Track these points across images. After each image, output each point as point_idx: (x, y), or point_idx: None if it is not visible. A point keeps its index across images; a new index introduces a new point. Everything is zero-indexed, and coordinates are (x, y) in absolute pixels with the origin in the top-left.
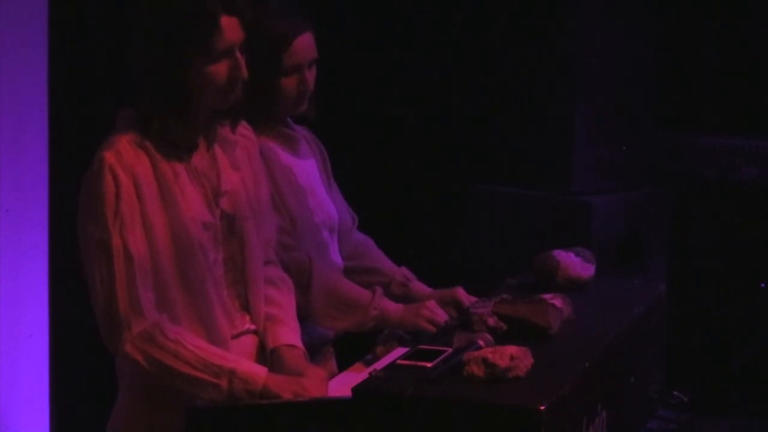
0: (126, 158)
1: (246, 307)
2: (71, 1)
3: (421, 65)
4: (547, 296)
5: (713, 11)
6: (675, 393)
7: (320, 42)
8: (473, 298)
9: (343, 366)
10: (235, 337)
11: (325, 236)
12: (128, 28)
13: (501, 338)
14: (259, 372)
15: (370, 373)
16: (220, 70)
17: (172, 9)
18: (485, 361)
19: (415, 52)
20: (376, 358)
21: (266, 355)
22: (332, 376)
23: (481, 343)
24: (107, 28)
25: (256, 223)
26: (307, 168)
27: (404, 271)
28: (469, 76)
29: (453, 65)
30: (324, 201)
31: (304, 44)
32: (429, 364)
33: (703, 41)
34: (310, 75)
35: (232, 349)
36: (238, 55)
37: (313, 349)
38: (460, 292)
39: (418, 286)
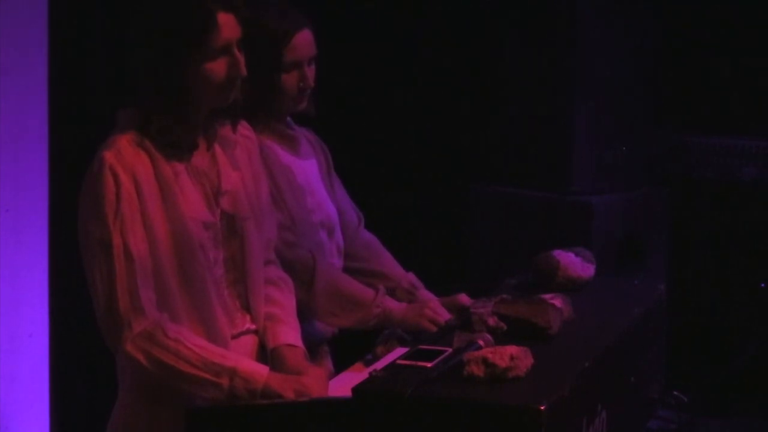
0: (126, 158)
1: (246, 307)
2: (71, 1)
3: (422, 65)
4: (547, 296)
5: (713, 10)
6: (675, 393)
7: (321, 41)
8: None
9: (342, 366)
10: (235, 336)
11: (322, 236)
12: (127, 27)
13: (501, 338)
14: (260, 371)
15: (370, 373)
16: (218, 67)
17: (170, 7)
18: (485, 361)
19: (415, 52)
20: (376, 358)
21: (267, 355)
22: (329, 374)
23: (481, 343)
24: (107, 28)
25: (257, 223)
26: (306, 168)
27: (411, 277)
28: (469, 76)
29: (453, 65)
30: (323, 201)
31: (305, 40)
32: (429, 364)
33: (704, 41)
34: (310, 72)
35: (232, 348)
36: (237, 52)
37: (309, 348)
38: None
39: (424, 294)
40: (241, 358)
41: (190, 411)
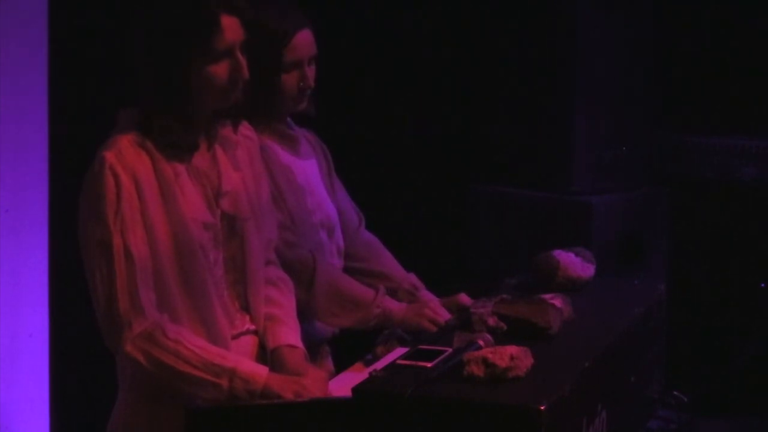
0: (127, 158)
1: (246, 308)
2: (71, 2)
3: (421, 65)
4: (547, 296)
5: (713, 10)
6: (675, 393)
7: (321, 42)
8: None
9: (342, 366)
10: (235, 337)
11: (322, 237)
12: (129, 27)
13: (501, 338)
14: (260, 372)
15: (370, 373)
16: (220, 70)
17: (173, 9)
18: (485, 361)
19: (415, 52)
20: (376, 358)
21: (267, 355)
22: (329, 374)
23: (481, 343)
24: (107, 28)
25: (257, 224)
26: (306, 168)
27: (412, 278)
28: (469, 75)
29: (453, 64)
30: (323, 202)
31: (304, 40)
32: (429, 364)
33: (703, 41)
34: (311, 72)
35: (232, 349)
36: (239, 55)
37: (309, 348)
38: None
39: (426, 295)
40: (241, 359)
41: (190, 411)
